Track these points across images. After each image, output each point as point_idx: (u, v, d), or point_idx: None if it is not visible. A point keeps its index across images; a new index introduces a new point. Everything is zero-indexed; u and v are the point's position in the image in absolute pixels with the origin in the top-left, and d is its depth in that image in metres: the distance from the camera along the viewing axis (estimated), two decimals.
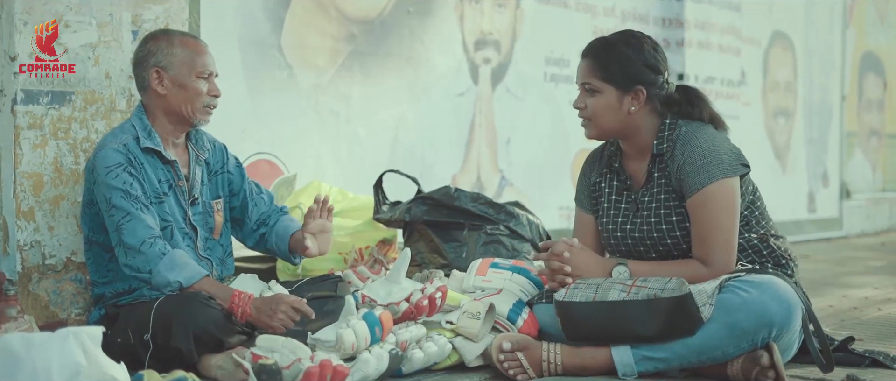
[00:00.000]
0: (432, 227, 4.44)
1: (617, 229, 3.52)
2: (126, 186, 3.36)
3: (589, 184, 3.66)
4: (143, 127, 3.50)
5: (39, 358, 2.54)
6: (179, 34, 3.61)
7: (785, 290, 3.16)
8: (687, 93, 3.49)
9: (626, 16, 7.19)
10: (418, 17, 5.75)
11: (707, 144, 3.34)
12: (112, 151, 3.39)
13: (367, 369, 3.10)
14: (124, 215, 3.34)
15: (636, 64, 3.40)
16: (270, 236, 3.78)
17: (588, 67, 3.45)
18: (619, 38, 3.48)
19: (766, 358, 3.14)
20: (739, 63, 8.36)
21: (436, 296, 3.45)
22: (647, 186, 3.46)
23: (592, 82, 3.43)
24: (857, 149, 10.05)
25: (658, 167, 3.43)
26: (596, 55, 3.45)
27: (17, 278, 3.65)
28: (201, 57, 3.54)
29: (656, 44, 3.49)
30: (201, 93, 3.52)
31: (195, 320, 3.16)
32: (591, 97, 3.44)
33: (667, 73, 3.47)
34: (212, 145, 3.74)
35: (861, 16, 10.06)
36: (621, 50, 3.42)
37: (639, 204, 3.48)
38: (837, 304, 5.07)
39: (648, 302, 3.14)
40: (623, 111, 3.42)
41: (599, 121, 3.44)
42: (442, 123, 5.97)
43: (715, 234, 3.30)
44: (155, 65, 3.50)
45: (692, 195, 3.33)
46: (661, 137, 3.41)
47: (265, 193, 3.87)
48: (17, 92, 3.66)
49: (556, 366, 3.26)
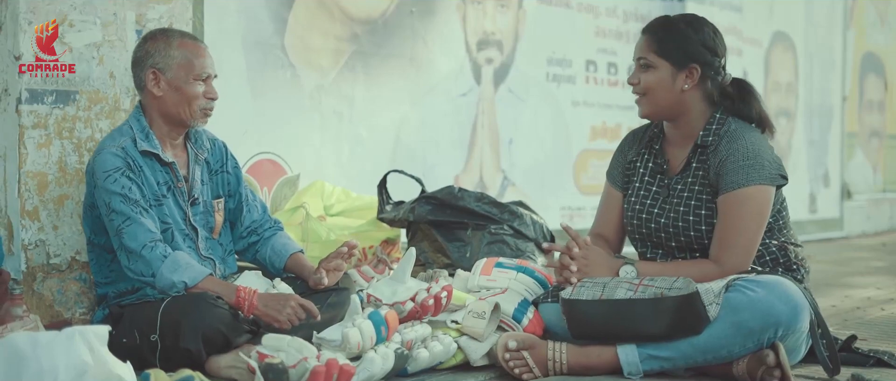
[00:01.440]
0: (436, 226, 4.44)
1: (643, 210, 3.52)
2: (125, 190, 3.35)
3: (625, 161, 3.67)
4: (140, 129, 3.48)
5: (46, 357, 2.54)
6: (179, 35, 3.56)
7: (792, 290, 3.16)
8: (741, 87, 3.49)
9: (628, 16, 7.19)
10: (421, 17, 5.75)
11: (753, 146, 3.34)
12: (110, 156, 3.38)
13: (372, 368, 3.10)
14: (124, 219, 3.33)
15: (694, 43, 3.41)
16: (264, 249, 3.75)
17: (646, 43, 3.46)
18: (680, 18, 3.51)
19: (772, 358, 3.13)
20: (740, 63, 8.35)
21: (441, 295, 3.45)
22: (682, 174, 3.47)
23: (648, 57, 3.44)
24: (857, 150, 10.05)
25: (699, 158, 3.44)
26: (655, 31, 3.47)
27: (22, 278, 3.65)
28: (199, 59, 3.50)
29: (717, 30, 3.50)
30: (198, 96, 3.48)
31: (204, 319, 3.16)
32: (644, 72, 3.45)
33: (724, 59, 3.47)
34: (212, 144, 3.72)
35: (862, 17, 10.07)
36: (681, 28, 3.44)
37: (671, 190, 3.48)
38: (840, 304, 5.07)
39: (655, 301, 3.14)
40: (676, 89, 3.42)
41: (652, 97, 3.45)
42: (444, 124, 5.97)
43: (737, 235, 3.31)
44: (152, 66, 3.47)
45: (726, 193, 3.33)
46: (709, 129, 3.42)
47: (259, 202, 3.86)
48: (22, 91, 3.66)
49: (561, 365, 3.25)
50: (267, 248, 3.75)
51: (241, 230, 3.78)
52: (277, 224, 3.85)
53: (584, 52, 6.88)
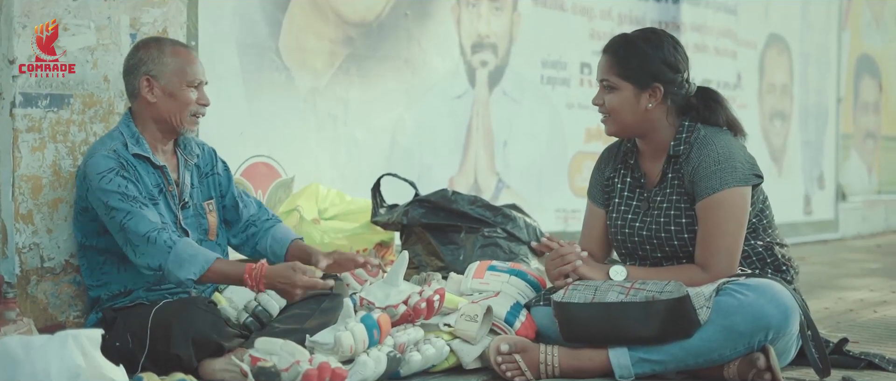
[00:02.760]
0: (430, 229, 4.45)
1: (625, 225, 3.53)
2: (121, 188, 3.37)
3: (603, 178, 3.68)
4: (130, 134, 3.52)
5: (39, 361, 2.56)
6: (170, 42, 3.63)
7: (782, 293, 3.18)
8: (706, 96, 3.50)
9: (623, 19, 7.21)
10: (415, 20, 5.76)
11: (723, 150, 3.35)
12: (103, 158, 3.41)
13: (365, 371, 3.11)
14: (125, 214, 3.35)
15: (655, 61, 3.41)
16: (264, 239, 3.78)
17: (607, 64, 3.46)
18: (639, 35, 3.49)
19: (763, 361, 3.15)
20: (735, 66, 8.37)
21: (434, 299, 3.46)
22: (660, 186, 3.48)
23: (610, 79, 3.44)
24: (852, 151, 10.07)
25: (673, 168, 3.45)
26: (615, 52, 3.46)
27: (16, 281, 3.65)
28: (192, 66, 3.57)
29: (678, 42, 3.49)
30: (190, 102, 3.55)
31: (194, 325, 3.18)
32: (609, 94, 3.45)
33: (686, 72, 3.47)
34: (201, 149, 3.76)
35: (857, 18, 10.08)
36: (640, 47, 3.43)
37: (650, 203, 3.49)
38: (833, 306, 5.08)
39: (646, 304, 3.15)
40: (640, 108, 3.43)
41: (617, 117, 3.45)
42: (439, 126, 5.98)
43: (719, 239, 3.32)
44: (145, 73, 3.52)
45: (702, 199, 3.34)
46: (679, 139, 3.43)
47: (253, 199, 3.90)
48: (16, 95, 3.66)
49: (553, 368, 3.27)
50: (267, 238, 3.79)
51: (239, 226, 3.82)
52: (276, 217, 3.89)
53: (579, 54, 6.89)
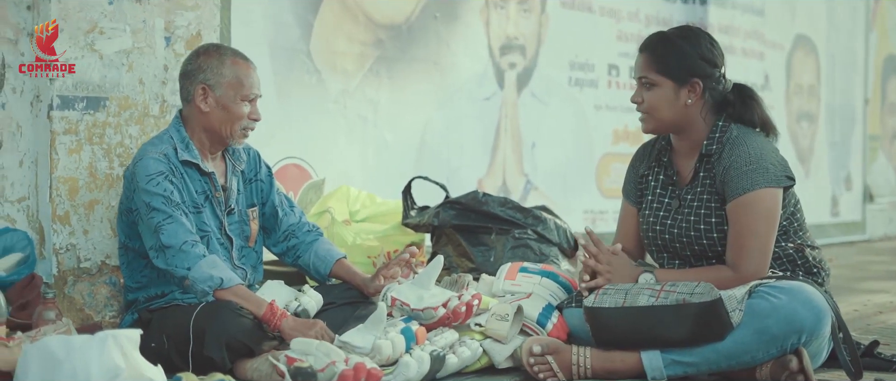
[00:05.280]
0: (460, 231, 4.47)
1: (657, 222, 3.54)
2: (167, 192, 3.38)
3: (636, 176, 3.69)
4: (180, 139, 3.52)
5: (79, 361, 2.58)
6: (231, 52, 3.58)
7: (815, 296, 3.18)
8: (742, 92, 3.51)
9: (650, 20, 7.21)
10: (444, 22, 5.78)
11: (755, 150, 3.36)
12: (152, 161, 3.41)
13: (408, 373, 3.13)
14: (165, 217, 3.36)
15: (692, 57, 3.42)
16: (307, 254, 3.77)
17: (645, 61, 3.48)
18: (675, 32, 3.51)
19: (796, 363, 3.15)
20: (762, 67, 8.36)
21: (473, 303, 3.47)
22: (692, 185, 3.49)
23: (649, 76, 3.45)
24: (880, 152, 10.03)
25: (705, 167, 3.46)
26: (653, 49, 3.48)
27: (54, 281, 3.70)
28: (249, 79, 3.54)
29: (713, 39, 3.51)
30: (242, 116, 3.53)
31: (227, 329, 3.20)
32: (648, 91, 3.47)
33: (723, 68, 3.49)
34: (246, 154, 3.75)
35: (884, 19, 10.04)
36: (677, 43, 3.45)
37: (682, 201, 3.50)
38: (862, 308, 5.07)
39: (677, 307, 3.16)
40: (679, 104, 3.44)
41: (657, 114, 3.47)
42: (468, 128, 6.00)
43: (750, 240, 3.32)
44: (202, 81, 3.49)
45: (733, 199, 3.35)
46: (712, 138, 3.44)
47: (297, 208, 3.87)
48: (53, 98, 3.71)
49: (585, 370, 3.28)
50: (310, 253, 3.77)
51: (278, 235, 3.80)
52: (317, 229, 3.86)
53: (607, 56, 6.90)
